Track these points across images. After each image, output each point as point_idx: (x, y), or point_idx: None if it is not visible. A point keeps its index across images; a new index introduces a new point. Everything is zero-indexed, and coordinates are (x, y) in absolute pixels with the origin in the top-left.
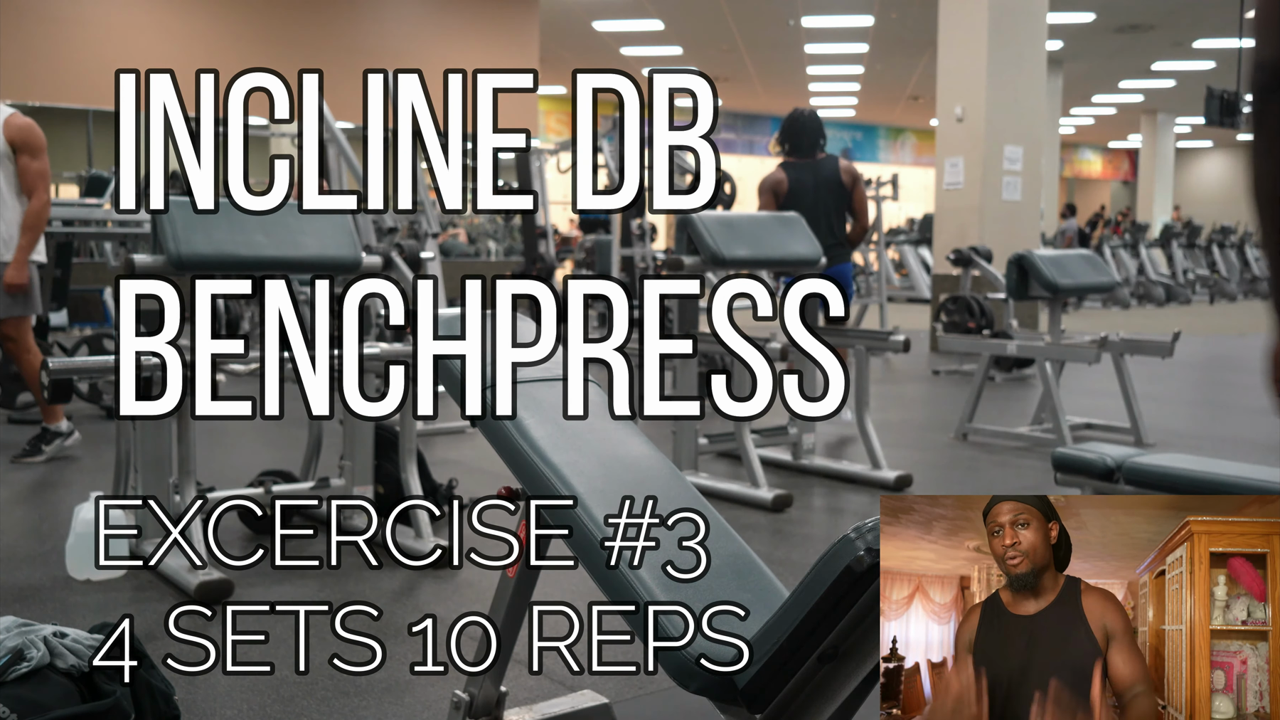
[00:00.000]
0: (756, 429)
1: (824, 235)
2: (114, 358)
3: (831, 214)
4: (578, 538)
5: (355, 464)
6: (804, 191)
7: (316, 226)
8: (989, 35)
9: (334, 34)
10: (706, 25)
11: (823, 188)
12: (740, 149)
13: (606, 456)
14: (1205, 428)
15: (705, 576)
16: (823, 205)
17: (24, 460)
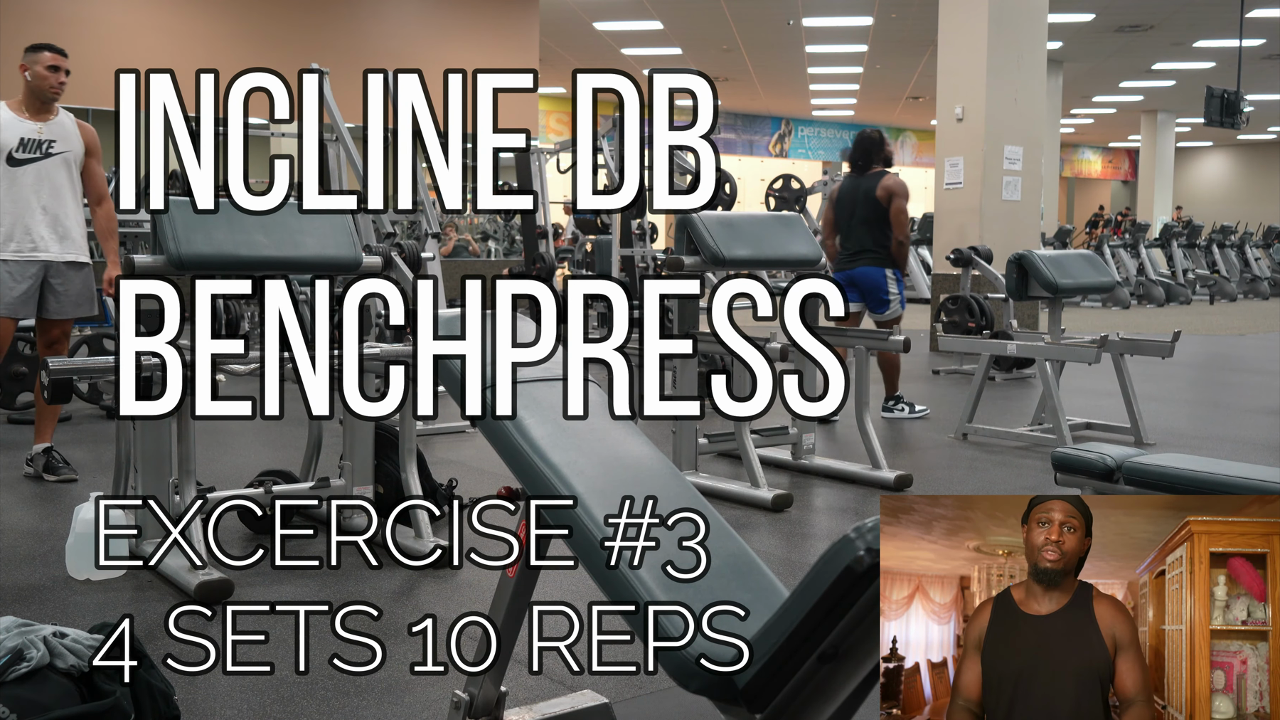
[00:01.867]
0: (756, 429)
1: (850, 242)
2: (114, 358)
3: (860, 224)
4: (578, 538)
5: (355, 464)
6: (845, 202)
7: (316, 226)
8: (989, 35)
9: (334, 34)
10: (706, 25)
11: (860, 200)
12: (740, 149)
13: (606, 456)
14: (1205, 428)
15: (705, 576)
16: (857, 215)
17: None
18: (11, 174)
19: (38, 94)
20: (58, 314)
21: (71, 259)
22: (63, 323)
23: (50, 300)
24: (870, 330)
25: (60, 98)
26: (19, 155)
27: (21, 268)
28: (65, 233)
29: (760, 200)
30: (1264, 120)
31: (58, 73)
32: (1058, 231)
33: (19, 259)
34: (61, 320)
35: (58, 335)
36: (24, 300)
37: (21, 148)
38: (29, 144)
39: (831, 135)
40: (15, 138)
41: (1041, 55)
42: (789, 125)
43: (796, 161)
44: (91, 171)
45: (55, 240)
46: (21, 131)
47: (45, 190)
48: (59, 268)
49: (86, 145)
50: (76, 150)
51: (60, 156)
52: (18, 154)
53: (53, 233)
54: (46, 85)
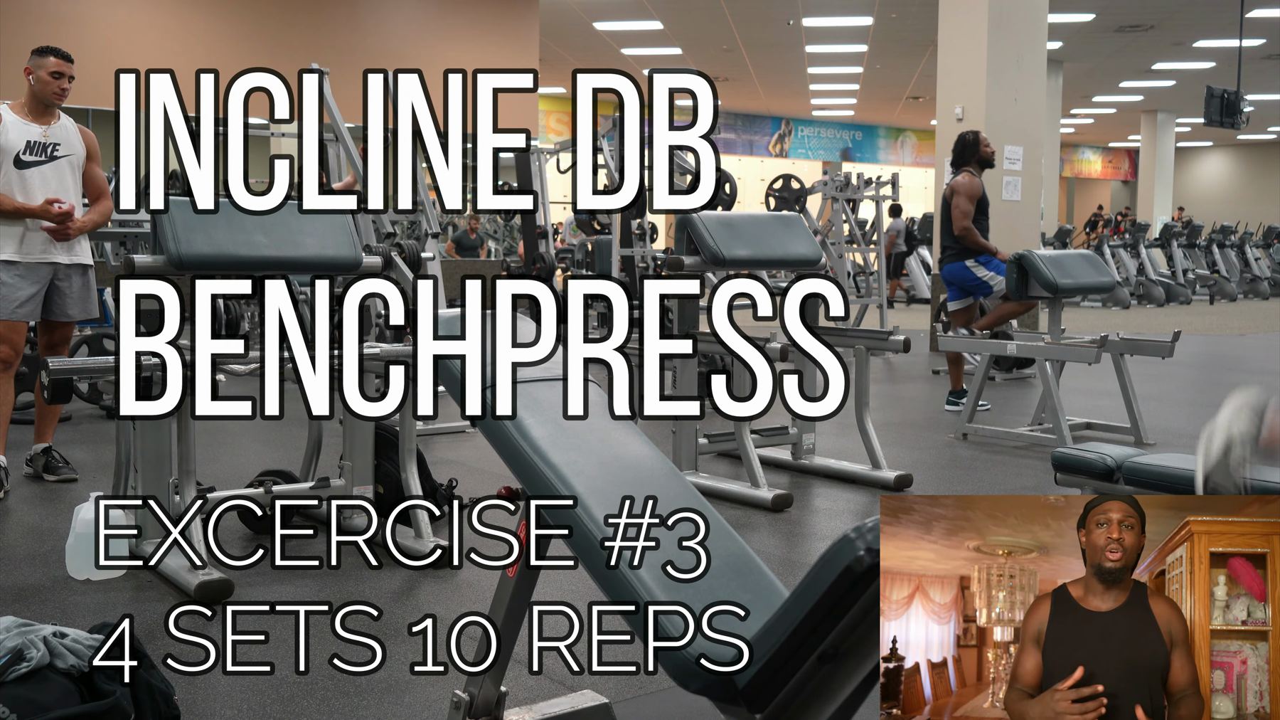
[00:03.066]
0: (756, 429)
1: (941, 241)
2: (114, 358)
3: (943, 223)
4: (578, 538)
5: (355, 464)
6: (943, 203)
7: (316, 226)
8: (989, 35)
9: (334, 34)
10: (706, 25)
11: (942, 202)
12: (740, 149)
13: (606, 456)
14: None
15: (705, 576)
16: (941, 215)
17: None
18: (20, 177)
19: (41, 98)
20: (61, 315)
21: (78, 261)
22: (66, 325)
23: (55, 301)
24: (870, 330)
25: (62, 102)
26: (26, 158)
27: (32, 270)
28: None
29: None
30: (1264, 120)
31: (61, 79)
32: (1058, 231)
33: (29, 261)
34: (65, 322)
35: (60, 338)
36: (34, 302)
37: (28, 150)
38: (35, 147)
39: (831, 135)
40: (22, 140)
41: (1041, 55)
42: (789, 125)
43: (796, 161)
44: (92, 174)
45: (64, 243)
46: (27, 134)
47: (52, 193)
48: (66, 270)
49: (87, 149)
50: (79, 153)
51: (65, 160)
52: (25, 157)
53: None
54: (50, 91)
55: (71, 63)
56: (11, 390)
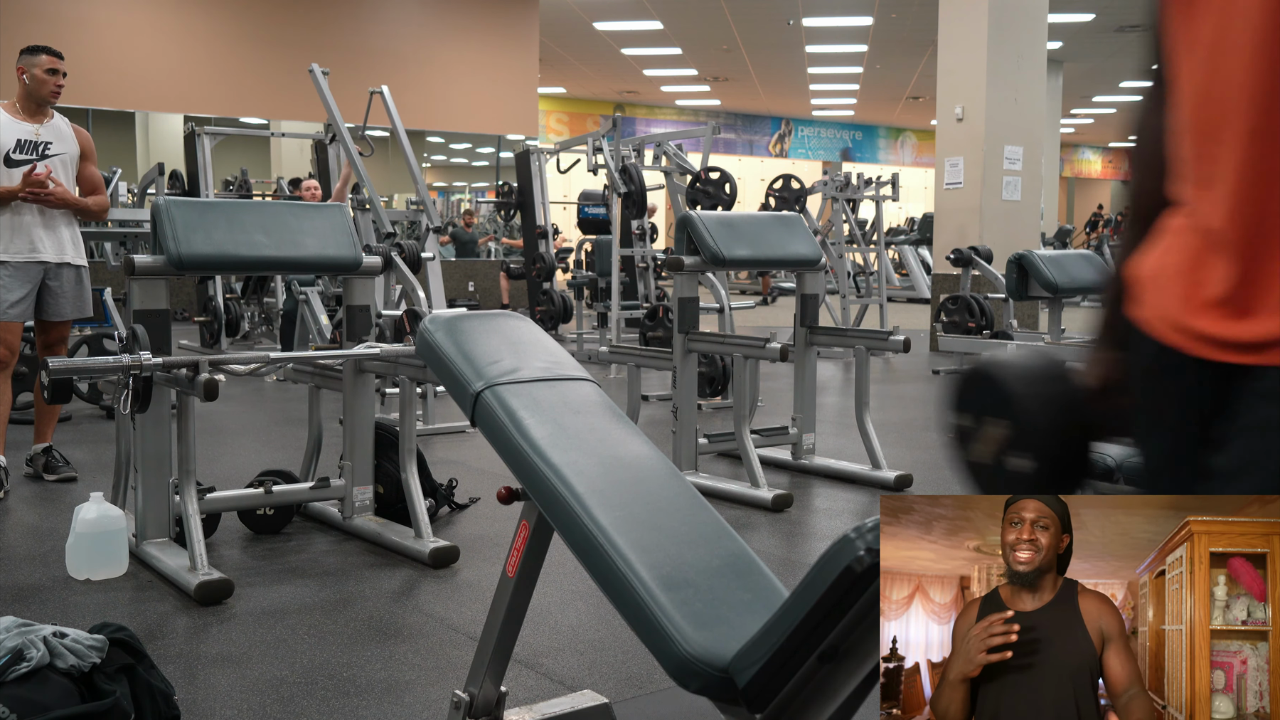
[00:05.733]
0: (756, 429)
1: None
2: (114, 358)
3: None
4: (578, 538)
5: (355, 464)
6: None
7: (316, 226)
8: (989, 35)
9: (334, 34)
10: (706, 25)
11: None
12: (740, 149)
13: (606, 456)
14: None
15: (705, 576)
16: None
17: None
18: (9, 175)
19: (35, 97)
20: (55, 315)
21: (68, 261)
22: (61, 325)
23: (48, 301)
24: (870, 330)
25: (58, 100)
26: (16, 156)
27: (21, 270)
28: (62, 235)
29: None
30: None
31: (56, 75)
32: (1058, 231)
33: (18, 261)
34: (60, 322)
35: (56, 337)
36: (26, 303)
37: (19, 149)
38: (25, 145)
39: (831, 135)
40: (12, 139)
41: (1041, 55)
42: (789, 125)
43: (796, 161)
44: (87, 173)
45: (53, 242)
46: (18, 133)
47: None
48: (56, 269)
49: (81, 148)
50: (72, 152)
51: (57, 158)
52: (15, 155)
53: (50, 235)
54: (45, 89)
55: (62, 59)
56: (10, 390)
